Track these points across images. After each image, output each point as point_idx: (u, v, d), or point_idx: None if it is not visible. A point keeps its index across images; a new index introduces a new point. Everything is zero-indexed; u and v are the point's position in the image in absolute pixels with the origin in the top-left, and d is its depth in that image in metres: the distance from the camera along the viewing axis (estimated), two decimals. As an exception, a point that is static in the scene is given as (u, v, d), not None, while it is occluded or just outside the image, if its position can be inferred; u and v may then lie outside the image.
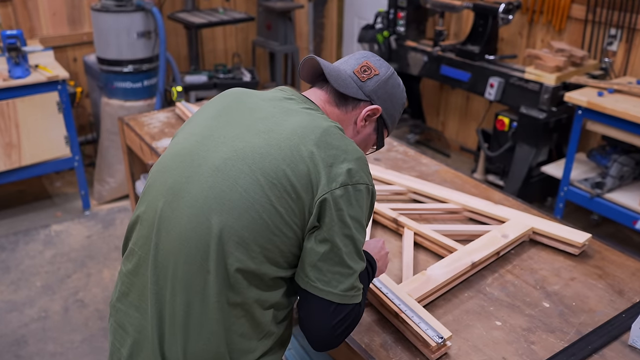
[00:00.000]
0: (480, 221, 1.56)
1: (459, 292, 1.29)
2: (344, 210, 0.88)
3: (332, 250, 0.88)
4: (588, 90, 2.69)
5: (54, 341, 2.25)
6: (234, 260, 0.86)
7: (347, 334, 0.93)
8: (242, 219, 0.86)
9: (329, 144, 0.91)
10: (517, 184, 3.02)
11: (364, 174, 0.92)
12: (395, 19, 3.56)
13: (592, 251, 1.45)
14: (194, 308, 0.88)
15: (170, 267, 0.89)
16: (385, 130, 1.11)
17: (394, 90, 1.08)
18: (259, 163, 0.88)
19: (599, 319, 1.21)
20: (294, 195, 0.87)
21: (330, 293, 0.88)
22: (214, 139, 0.93)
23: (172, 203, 0.91)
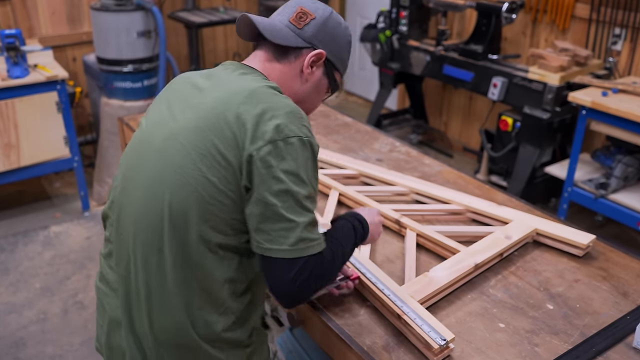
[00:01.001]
0: (483, 222, 1.55)
1: (462, 294, 1.28)
2: (275, 166, 0.89)
3: (268, 209, 0.89)
4: (592, 90, 2.68)
5: (53, 343, 2.24)
6: (183, 235, 0.91)
7: (311, 285, 0.93)
8: (181, 195, 0.90)
9: (255, 105, 0.92)
10: (520, 184, 3.01)
11: (295, 127, 0.92)
12: (397, 18, 3.55)
13: (597, 252, 1.44)
14: (153, 285, 0.94)
15: (130, 249, 0.96)
16: (337, 72, 1.10)
17: (335, 30, 1.06)
18: (189, 138, 0.92)
19: (603, 321, 1.20)
20: (224, 162, 0.90)
21: (278, 250, 0.90)
22: (159, 124, 0.99)
23: (126, 190, 0.98)
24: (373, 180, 1.74)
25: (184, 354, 0.96)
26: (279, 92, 0.99)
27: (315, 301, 1.24)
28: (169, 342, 0.96)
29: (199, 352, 0.96)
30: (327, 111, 2.35)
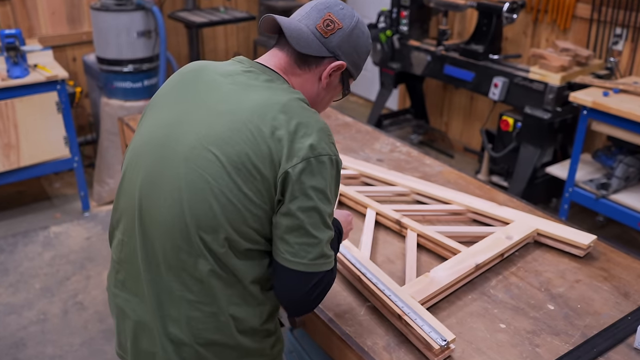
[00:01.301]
0: (484, 223, 1.55)
1: (463, 295, 1.28)
2: (306, 183, 0.91)
3: (296, 223, 0.92)
4: (593, 90, 2.68)
5: (53, 344, 2.23)
6: (215, 242, 0.93)
7: (320, 299, 0.98)
8: (215, 206, 0.92)
9: (289, 120, 0.93)
10: (521, 185, 3.01)
11: (325, 145, 0.95)
12: (398, 18, 3.55)
13: (598, 253, 1.44)
14: (189, 287, 0.95)
15: (159, 255, 0.96)
16: (351, 78, 1.12)
17: (359, 40, 1.06)
18: (223, 149, 0.92)
19: (604, 322, 1.20)
20: (259, 176, 0.91)
21: (299, 263, 0.93)
22: (181, 126, 0.96)
23: (150, 196, 0.96)
24: (374, 180, 1.74)
25: (224, 350, 0.99)
26: (307, 104, 1.00)
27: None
28: (210, 342, 0.98)
29: (238, 345, 0.99)
30: (327, 111, 2.35)
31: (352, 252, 1.33)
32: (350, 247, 1.36)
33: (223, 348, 0.99)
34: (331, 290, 1.28)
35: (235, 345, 0.99)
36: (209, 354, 0.99)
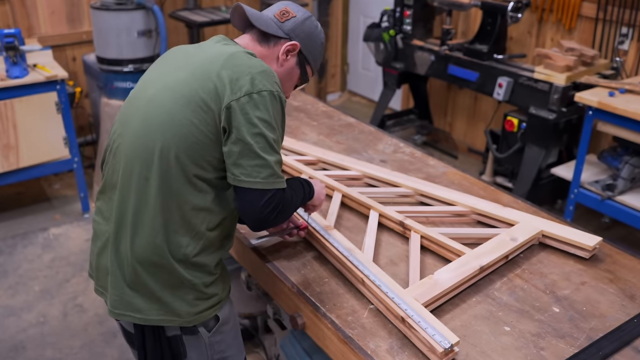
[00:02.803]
0: (488, 224, 1.54)
1: (467, 297, 1.27)
2: (250, 113, 1.08)
3: (245, 147, 1.08)
4: (599, 90, 2.66)
5: (53, 347, 2.22)
6: (167, 167, 1.10)
7: (276, 215, 1.12)
8: (169, 134, 1.10)
9: (234, 64, 1.12)
10: (526, 186, 2.99)
11: (267, 82, 1.11)
12: (401, 17, 3.54)
13: (603, 255, 1.43)
14: (139, 209, 1.13)
15: (125, 180, 1.14)
16: (309, 67, 1.29)
17: (311, 30, 1.27)
18: (178, 89, 1.12)
19: (610, 324, 1.20)
20: (205, 107, 1.09)
21: (253, 182, 1.09)
22: (153, 80, 1.19)
23: (122, 134, 1.17)
24: (377, 181, 1.73)
25: (157, 272, 1.14)
26: (255, 56, 1.18)
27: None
28: (146, 260, 1.13)
29: (171, 271, 1.14)
30: (330, 112, 2.34)
31: (355, 254, 1.33)
32: (353, 249, 1.35)
33: (158, 269, 1.13)
34: (334, 292, 1.28)
35: (170, 270, 1.13)
36: (145, 273, 1.13)
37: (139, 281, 1.14)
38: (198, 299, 1.16)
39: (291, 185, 1.22)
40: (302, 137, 2.07)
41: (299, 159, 1.84)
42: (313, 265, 1.38)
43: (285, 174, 1.66)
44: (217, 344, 1.23)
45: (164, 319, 1.16)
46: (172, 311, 1.15)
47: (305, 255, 1.42)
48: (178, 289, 1.15)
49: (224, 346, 1.25)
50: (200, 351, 1.21)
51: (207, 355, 1.23)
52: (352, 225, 1.55)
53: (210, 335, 1.21)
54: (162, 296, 1.15)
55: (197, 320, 1.18)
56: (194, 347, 1.21)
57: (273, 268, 1.37)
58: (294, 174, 1.79)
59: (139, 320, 1.16)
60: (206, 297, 1.18)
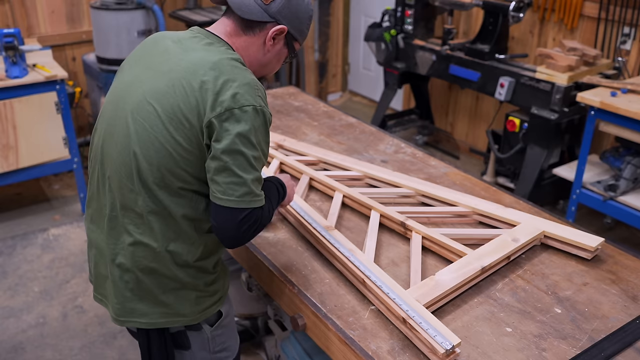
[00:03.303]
0: (490, 225, 1.54)
1: (469, 298, 1.27)
2: (230, 130, 1.06)
3: (222, 165, 1.06)
4: (601, 90, 2.65)
5: (53, 348, 2.22)
6: (151, 179, 1.10)
7: (251, 232, 1.11)
8: (151, 150, 1.09)
9: (217, 76, 1.08)
10: (528, 186, 2.98)
11: (250, 97, 1.07)
12: (403, 17, 3.53)
13: (605, 255, 1.43)
14: (133, 221, 1.13)
15: (114, 192, 1.15)
16: (296, 42, 1.23)
17: (299, 6, 1.18)
18: (160, 102, 1.09)
19: (612, 325, 1.19)
20: (188, 125, 1.07)
21: (228, 200, 1.07)
22: (133, 86, 1.14)
23: (106, 143, 1.16)
24: (378, 182, 1.72)
25: (159, 277, 1.15)
26: (240, 64, 1.13)
27: (320, 305, 1.23)
28: (147, 269, 1.14)
29: (172, 276, 1.15)
30: (331, 112, 2.34)
31: (356, 255, 1.32)
32: (354, 250, 1.35)
33: (160, 277, 1.15)
34: (335, 293, 1.28)
35: (172, 276, 1.15)
36: (148, 281, 1.15)
37: (141, 288, 1.16)
38: (201, 297, 1.19)
39: (269, 197, 1.19)
40: (303, 137, 2.07)
41: (300, 159, 1.84)
42: (314, 266, 1.38)
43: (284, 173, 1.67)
44: (219, 336, 1.27)
45: (169, 321, 1.18)
46: (177, 312, 1.17)
47: (306, 256, 1.41)
48: (180, 290, 1.17)
49: (224, 338, 1.29)
50: (202, 344, 1.25)
51: (209, 347, 1.26)
52: (353, 226, 1.55)
53: (213, 330, 1.25)
54: (165, 299, 1.16)
55: (202, 317, 1.21)
56: (197, 341, 1.24)
57: (274, 269, 1.36)
58: (295, 174, 1.79)
59: (145, 325, 1.17)
60: (209, 294, 1.20)
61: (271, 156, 1.85)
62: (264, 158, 1.13)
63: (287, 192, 1.33)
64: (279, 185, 1.29)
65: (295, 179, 1.77)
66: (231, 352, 1.33)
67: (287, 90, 2.58)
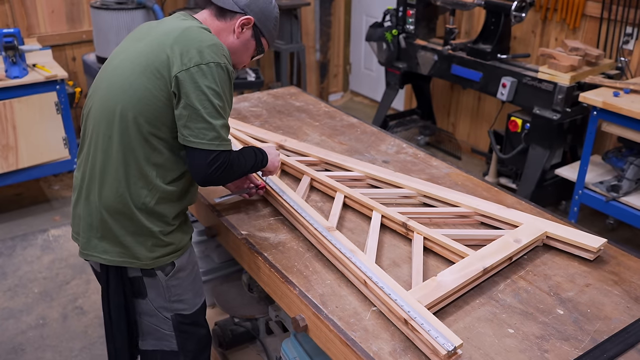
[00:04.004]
0: (492, 225, 1.53)
1: (470, 299, 1.26)
2: (199, 82, 1.23)
3: (193, 112, 1.23)
4: (603, 90, 2.64)
5: (53, 349, 2.22)
6: (126, 126, 1.26)
7: (221, 173, 1.28)
8: (128, 98, 1.26)
9: (186, 37, 1.27)
10: (530, 187, 2.98)
11: (215, 55, 1.25)
12: (404, 16, 3.53)
13: (608, 256, 1.42)
14: (104, 164, 1.30)
15: (93, 139, 1.32)
16: (264, 38, 1.42)
17: (266, 6, 1.40)
18: (137, 59, 1.28)
19: (614, 327, 1.19)
20: (159, 75, 1.25)
21: (199, 143, 1.24)
22: (119, 52, 1.36)
23: (92, 99, 1.35)
24: (379, 182, 1.72)
25: (121, 218, 1.31)
26: (209, 31, 1.32)
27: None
28: (111, 208, 1.30)
29: (132, 218, 1.30)
30: (332, 112, 2.33)
31: (357, 256, 1.32)
32: (355, 251, 1.34)
33: (121, 216, 1.30)
34: (336, 294, 1.28)
35: (131, 217, 1.30)
36: (110, 220, 1.31)
37: (105, 227, 1.32)
38: (156, 246, 1.33)
39: (241, 152, 1.38)
40: (304, 137, 2.07)
41: (301, 159, 1.83)
42: (315, 266, 1.37)
43: (286, 174, 1.77)
44: (174, 287, 1.41)
45: (125, 261, 1.33)
46: (133, 255, 1.33)
47: (307, 257, 1.41)
48: (138, 235, 1.32)
49: (180, 290, 1.42)
50: (158, 292, 1.40)
51: (165, 296, 1.40)
52: (355, 227, 1.54)
53: (167, 279, 1.39)
54: (124, 241, 1.32)
55: (155, 265, 1.35)
56: (153, 288, 1.39)
57: (275, 270, 1.36)
58: (296, 175, 1.78)
59: (104, 260, 1.34)
60: (163, 244, 1.34)
61: (272, 156, 1.84)
62: (229, 108, 1.31)
63: (270, 158, 1.49)
64: (255, 149, 1.45)
65: (297, 179, 1.76)
66: (188, 306, 1.46)
67: (288, 90, 2.58)
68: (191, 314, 1.47)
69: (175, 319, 1.43)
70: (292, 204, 1.53)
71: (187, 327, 1.46)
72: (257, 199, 1.67)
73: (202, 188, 1.59)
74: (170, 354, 1.47)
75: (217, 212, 1.60)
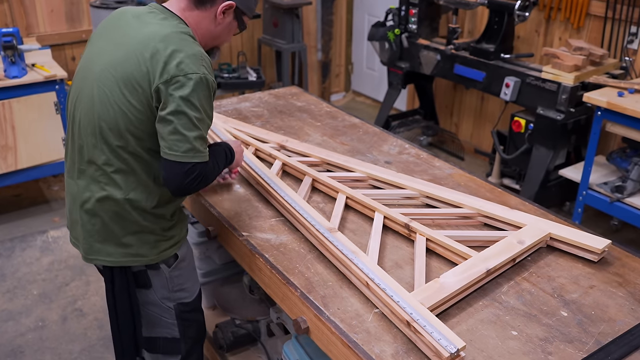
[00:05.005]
0: (495, 227, 1.53)
1: (473, 301, 1.26)
2: (175, 94, 1.24)
3: (168, 124, 1.25)
4: (608, 90, 2.63)
5: (52, 352, 2.21)
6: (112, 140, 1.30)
7: (197, 184, 1.30)
8: (110, 111, 1.29)
9: (166, 47, 1.26)
10: (533, 187, 2.96)
11: (194, 66, 1.25)
12: (407, 16, 3.52)
13: (612, 258, 1.41)
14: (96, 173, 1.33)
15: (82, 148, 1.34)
16: (245, 16, 1.42)
17: None
18: (118, 71, 1.28)
19: (619, 329, 1.18)
20: (140, 90, 1.26)
21: (174, 155, 1.26)
22: (98, 56, 1.34)
23: (76, 108, 1.36)
24: (382, 183, 1.71)
25: (121, 222, 1.34)
26: (190, 37, 1.31)
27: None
28: (111, 214, 1.34)
29: (133, 221, 1.34)
30: (334, 112, 2.33)
31: (359, 257, 1.31)
32: (357, 252, 1.34)
33: (123, 221, 1.34)
34: (338, 295, 1.27)
35: (133, 221, 1.34)
36: (112, 224, 1.34)
37: (106, 231, 1.34)
38: (159, 241, 1.38)
39: (215, 156, 1.39)
40: (306, 138, 2.06)
41: (303, 160, 1.83)
42: (317, 268, 1.37)
43: (287, 175, 1.77)
44: (177, 277, 1.46)
45: (130, 260, 1.37)
46: (137, 253, 1.36)
47: (309, 258, 1.40)
48: (141, 234, 1.35)
49: (182, 279, 1.48)
50: (162, 283, 1.44)
51: (168, 287, 1.46)
52: (357, 228, 1.54)
53: (170, 271, 1.44)
54: (127, 241, 1.35)
55: (159, 259, 1.40)
56: (157, 280, 1.43)
57: (276, 271, 1.36)
58: (298, 175, 1.78)
59: (109, 263, 1.37)
60: (166, 238, 1.40)
61: (273, 157, 1.84)
62: (209, 120, 1.31)
63: (236, 157, 1.53)
64: (227, 149, 1.48)
65: (298, 180, 1.76)
66: (189, 294, 1.51)
67: (289, 90, 2.58)
68: (192, 302, 1.53)
69: (177, 308, 1.49)
70: (293, 204, 1.53)
71: (189, 315, 1.52)
72: (258, 199, 1.66)
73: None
74: (171, 340, 1.52)
75: (217, 213, 1.60)
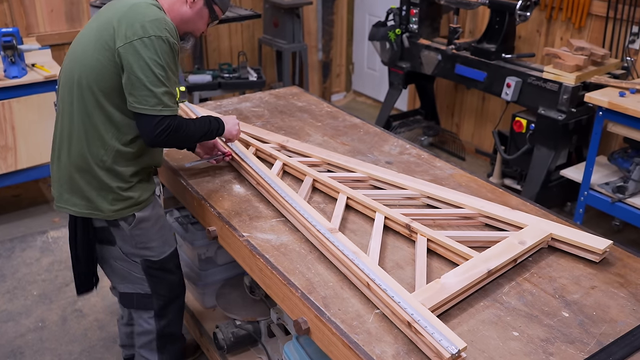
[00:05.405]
0: (496, 227, 1.52)
1: (475, 301, 1.26)
2: (141, 53, 1.39)
3: (137, 81, 1.39)
4: (609, 90, 2.62)
5: (52, 352, 2.21)
6: (83, 92, 1.46)
7: (167, 137, 1.44)
8: (83, 67, 1.46)
9: (132, 12, 1.43)
10: (535, 188, 2.96)
11: (157, 29, 1.40)
12: (407, 15, 3.51)
13: (614, 258, 1.41)
14: (70, 127, 1.50)
15: (62, 106, 1.53)
16: (216, 6, 1.58)
17: None
18: (91, 33, 1.48)
19: (620, 329, 1.18)
20: (107, 47, 1.43)
21: (143, 108, 1.41)
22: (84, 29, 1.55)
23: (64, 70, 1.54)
24: (382, 183, 1.71)
25: (85, 175, 1.50)
26: (158, 8, 1.47)
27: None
28: (77, 166, 1.50)
29: (94, 175, 1.50)
30: (335, 112, 2.32)
31: (360, 258, 1.31)
32: (358, 253, 1.33)
33: (85, 173, 1.50)
34: (338, 296, 1.27)
35: (93, 174, 1.50)
36: (77, 176, 1.51)
37: (73, 183, 1.52)
38: (116, 200, 1.52)
39: (194, 120, 1.56)
40: (306, 138, 2.06)
41: (303, 160, 1.83)
42: (317, 269, 1.37)
43: (287, 175, 1.80)
44: (138, 236, 1.60)
45: (91, 213, 1.53)
46: (97, 207, 1.52)
47: (310, 259, 1.40)
48: (100, 190, 1.51)
49: (145, 238, 1.61)
50: (124, 239, 1.60)
51: (131, 243, 1.60)
52: (357, 228, 1.53)
53: (130, 229, 1.57)
54: (89, 195, 1.51)
55: (116, 216, 1.54)
56: (119, 236, 1.59)
57: (276, 272, 1.35)
58: (299, 176, 1.78)
59: (73, 212, 1.55)
60: (122, 199, 1.53)
61: (274, 157, 1.84)
62: (174, 76, 1.45)
63: (227, 127, 1.66)
64: (212, 118, 1.62)
65: (299, 180, 1.76)
66: (156, 253, 1.64)
67: (290, 90, 2.58)
68: (159, 260, 1.66)
69: (144, 264, 1.64)
70: (294, 205, 1.53)
71: (156, 272, 1.66)
72: (259, 199, 1.66)
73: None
74: (144, 296, 1.68)
75: (218, 213, 1.60)
